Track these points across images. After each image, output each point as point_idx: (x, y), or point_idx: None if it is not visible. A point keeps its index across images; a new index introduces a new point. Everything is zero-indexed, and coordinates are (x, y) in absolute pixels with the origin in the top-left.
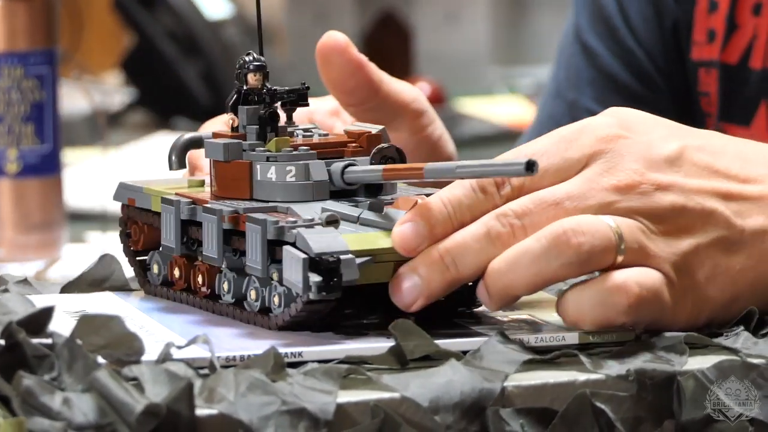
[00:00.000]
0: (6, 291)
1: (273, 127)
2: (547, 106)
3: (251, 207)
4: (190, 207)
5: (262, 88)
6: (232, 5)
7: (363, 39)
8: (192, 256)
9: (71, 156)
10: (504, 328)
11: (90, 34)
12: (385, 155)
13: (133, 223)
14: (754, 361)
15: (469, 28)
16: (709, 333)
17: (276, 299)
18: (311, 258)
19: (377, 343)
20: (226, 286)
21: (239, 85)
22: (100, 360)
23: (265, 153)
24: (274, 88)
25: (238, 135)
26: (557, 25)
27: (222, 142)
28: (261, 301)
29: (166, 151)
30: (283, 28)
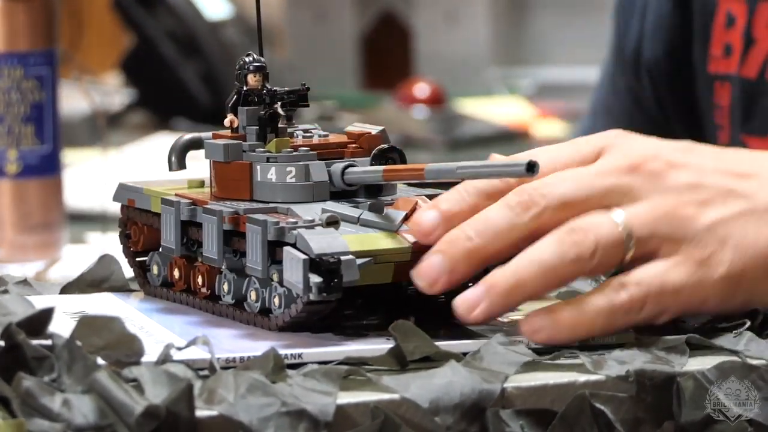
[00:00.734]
0: (6, 292)
1: (273, 127)
2: (585, 121)
3: (251, 208)
4: (190, 208)
5: (262, 89)
6: (232, 6)
7: (363, 39)
8: (192, 257)
9: (71, 157)
10: (504, 329)
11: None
12: (386, 156)
13: (133, 223)
14: (754, 362)
15: (469, 29)
16: (714, 329)
17: (276, 300)
18: (312, 259)
19: (377, 345)
20: (226, 287)
21: (239, 86)
22: (100, 361)
23: (265, 154)
24: (274, 89)
25: (238, 136)
26: (557, 25)
27: (222, 143)
28: (261, 302)
29: (166, 152)
30: (283, 29)
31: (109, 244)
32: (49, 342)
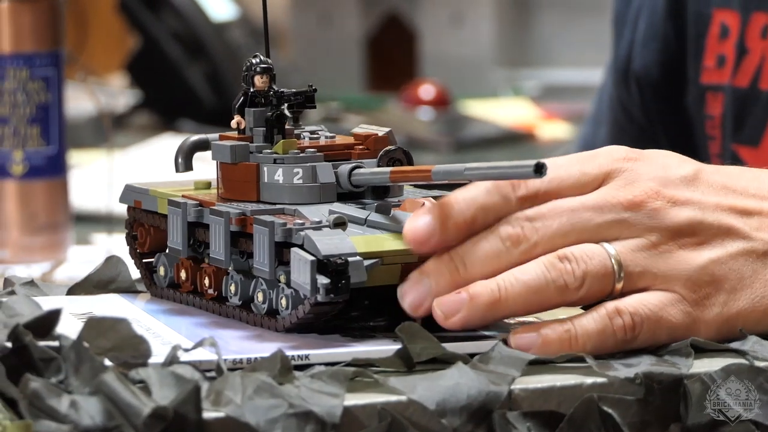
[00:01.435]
0: (12, 293)
1: (280, 129)
2: (584, 128)
3: (259, 209)
4: (196, 209)
5: (268, 91)
6: (237, 7)
7: (368, 41)
8: (198, 259)
9: (77, 158)
10: (510, 331)
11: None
12: (393, 157)
13: (139, 225)
14: (761, 364)
15: (474, 31)
16: None
17: (283, 301)
18: (319, 260)
19: (384, 346)
20: (233, 288)
21: (246, 87)
22: (107, 363)
23: (272, 155)
24: (281, 90)
25: (244, 137)
26: (562, 27)
27: (229, 144)
28: (268, 303)
29: (172, 153)
30: (288, 31)
31: (115, 245)
32: (56, 343)
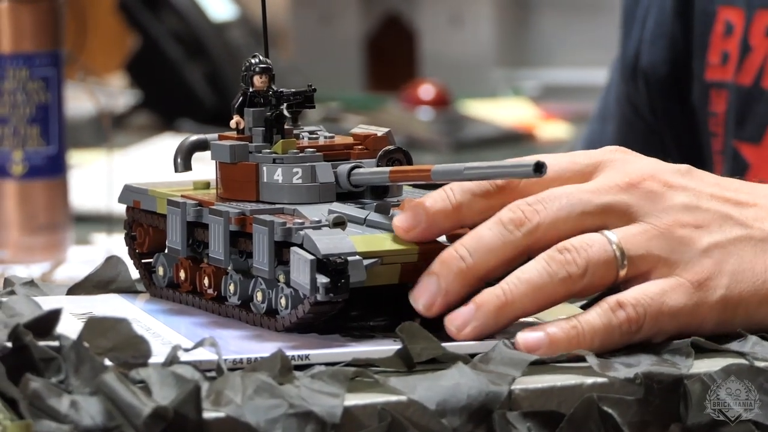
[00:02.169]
0: (12, 293)
1: (279, 129)
2: (589, 126)
3: (258, 209)
4: (196, 209)
5: (268, 91)
6: (237, 7)
7: (367, 41)
8: (197, 258)
9: (76, 158)
10: (510, 331)
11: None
12: (392, 157)
13: (138, 225)
14: (762, 365)
15: (474, 31)
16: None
17: (283, 301)
18: (319, 259)
19: (384, 346)
20: (232, 288)
21: (245, 88)
22: (107, 363)
23: (271, 155)
24: (281, 90)
25: (244, 137)
26: (561, 27)
27: (228, 144)
28: (267, 302)
29: (172, 154)
30: (287, 31)
31: (114, 245)
32: (56, 343)
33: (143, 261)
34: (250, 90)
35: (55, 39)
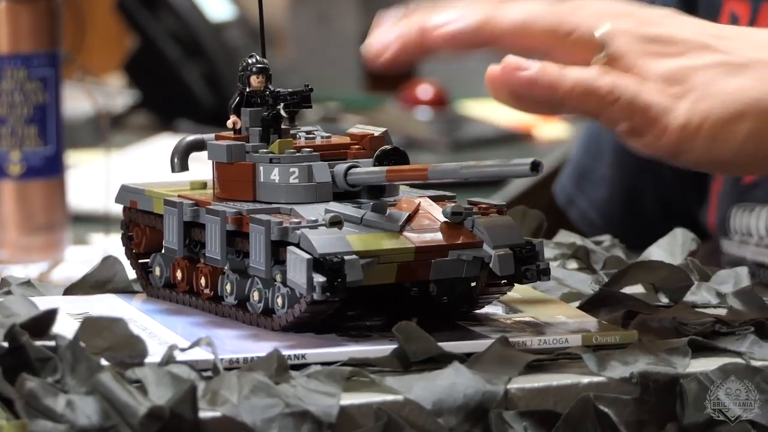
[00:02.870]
0: (9, 293)
1: (276, 129)
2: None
3: (255, 208)
4: (192, 209)
5: (264, 90)
6: (235, 7)
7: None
8: (194, 258)
9: (74, 158)
10: (507, 330)
11: (93, 36)
12: (389, 157)
13: (135, 225)
14: (758, 364)
15: None
16: (717, 333)
17: (279, 300)
18: (315, 258)
19: (380, 346)
20: (229, 288)
21: (242, 88)
22: (104, 362)
23: (268, 155)
24: (277, 90)
25: (240, 137)
26: None
27: (225, 144)
28: (264, 302)
29: (169, 154)
30: (285, 30)
31: (112, 245)
32: (52, 343)
33: (140, 261)
34: (247, 90)
35: (53, 39)
